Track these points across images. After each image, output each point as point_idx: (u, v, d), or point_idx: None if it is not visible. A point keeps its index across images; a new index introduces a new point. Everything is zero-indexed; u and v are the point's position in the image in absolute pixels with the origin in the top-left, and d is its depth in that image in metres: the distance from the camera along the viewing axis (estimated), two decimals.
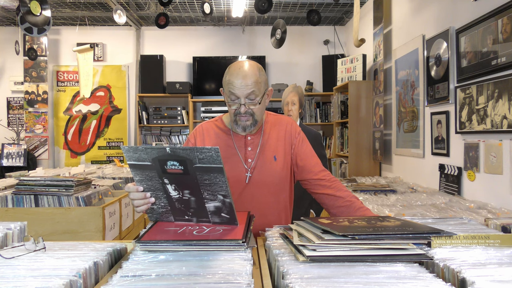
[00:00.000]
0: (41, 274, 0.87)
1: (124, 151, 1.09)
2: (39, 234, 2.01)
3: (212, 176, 1.07)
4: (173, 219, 1.21)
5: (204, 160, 1.04)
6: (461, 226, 1.23)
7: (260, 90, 1.48)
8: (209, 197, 1.11)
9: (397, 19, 3.83)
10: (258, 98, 1.48)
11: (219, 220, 1.16)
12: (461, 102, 2.62)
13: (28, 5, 3.07)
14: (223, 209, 1.13)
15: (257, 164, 1.57)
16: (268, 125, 1.64)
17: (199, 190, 1.11)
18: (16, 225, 1.19)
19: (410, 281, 0.83)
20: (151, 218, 1.23)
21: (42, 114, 5.60)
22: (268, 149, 1.59)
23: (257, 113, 1.50)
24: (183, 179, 1.09)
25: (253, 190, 1.55)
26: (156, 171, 1.10)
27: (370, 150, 4.27)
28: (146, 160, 1.09)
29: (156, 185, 1.14)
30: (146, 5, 4.94)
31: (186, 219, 1.19)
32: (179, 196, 1.14)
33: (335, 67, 5.01)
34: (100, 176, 3.31)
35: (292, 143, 1.63)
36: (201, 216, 1.16)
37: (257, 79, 1.46)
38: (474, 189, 2.54)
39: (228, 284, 0.81)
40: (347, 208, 1.52)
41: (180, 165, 1.06)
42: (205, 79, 5.63)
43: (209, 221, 1.17)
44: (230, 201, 1.11)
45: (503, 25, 2.21)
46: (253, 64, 1.50)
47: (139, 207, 1.18)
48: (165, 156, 1.06)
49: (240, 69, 1.46)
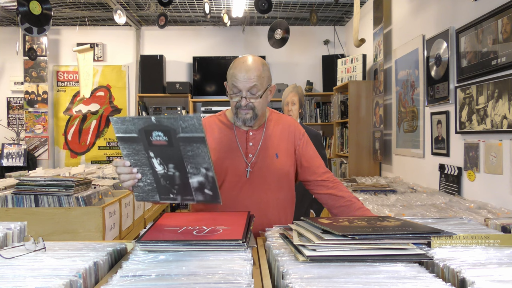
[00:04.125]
0: (41, 274, 0.87)
1: (113, 122, 1.12)
2: (39, 234, 2.01)
3: (194, 146, 1.10)
4: (159, 198, 1.21)
5: (187, 129, 1.07)
6: (461, 226, 1.23)
7: (262, 84, 1.50)
8: (192, 171, 1.13)
9: (397, 19, 3.83)
10: (259, 92, 1.50)
11: (202, 198, 1.17)
12: (461, 102, 2.62)
13: (27, 5, 3.07)
14: (206, 184, 1.14)
15: (258, 159, 1.58)
16: (272, 123, 1.66)
17: (183, 164, 1.13)
18: (16, 225, 1.19)
19: (410, 281, 0.83)
20: (138, 197, 1.24)
21: (42, 114, 5.60)
22: (270, 146, 1.60)
23: (257, 107, 1.51)
24: (167, 152, 1.12)
25: (253, 185, 1.56)
26: (142, 143, 1.13)
27: (370, 150, 4.27)
28: (133, 132, 1.12)
29: (143, 159, 1.16)
30: (146, 5, 4.94)
31: (171, 197, 1.20)
32: (164, 172, 1.16)
33: (335, 67, 5.01)
34: (100, 176, 3.31)
35: (296, 144, 1.64)
36: (185, 194, 1.17)
37: (260, 73, 1.49)
38: (474, 189, 2.54)
39: (228, 284, 0.81)
40: (347, 208, 1.55)
41: (165, 135, 1.10)
42: (205, 79, 5.63)
43: (192, 199, 1.17)
44: (213, 175, 1.13)
45: (503, 25, 2.21)
46: (258, 59, 1.53)
47: (125, 182, 1.19)
48: (151, 126, 1.09)
49: (244, 63, 1.50)
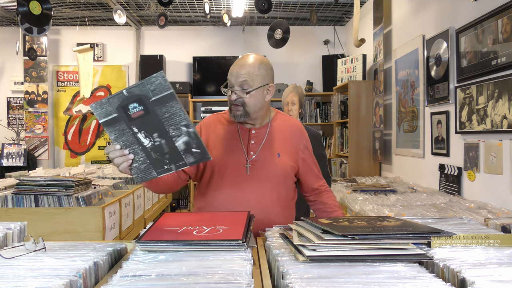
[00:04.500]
0: (41, 274, 0.87)
1: (93, 109, 1.17)
2: (39, 234, 2.01)
3: (168, 106, 1.14)
4: (156, 174, 1.25)
5: (156, 91, 1.12)
6: (461, 226, 1.23)
7: (254, 82, 1.52)
8: (174, 133, 1.17)
9: (397, 19, 3.83)
10: (250, 89, 1.51)
11: (193, 158, 1.20)
12: (461, 102, 2.62)
13: (27, 5, 3.07)
14: (192, 142, 1.18)
15: (259, 157, 1.59)
16: (276, 123, 1.67)
17: (165, 129, 1.17)
18: (16, 225, 1.19)
19: (410, 281, 0.83)
20: (137, 179, 1.28)
21: (42, 114, 5.60)
22: (272, 145, 1.62)
23: (248, 104, 1.53)
24: (147, 121, 1.17)
25: (254, 183, 1.57)
26: (124, 121, 1.18)
27: (370, 150, 4.27)
28: (113, 112, 1.16)
29: (130, 138, 1.21)
30: (146, 5, 4.94)
31: (166, 168, 1.23)
32: (152, 144, 1.20)
33: (335, 67, 5.01)
34: (100, 176, 3.31)
35: (299, 148, 1.67)
36: (177, 161, 1.21)
37: (253, 70, 1.51)
38: (474, 189, 2.54)
39: (228, 284, 0.81)
40: (325, 213, 1.68)
41: (140, 104, 1.14)
42: (205, 79, 5.63)
43: (185, 163, 1.21)
44: (194, 130, 1.17)
45: (503, 25, 2.21)
46: (257, 58, 1.55)
47: (121, 165, 1.23)
48: (125, 100, 1.14)
49: (242, 59, 1.54)
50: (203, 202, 1.62)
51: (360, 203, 2.64)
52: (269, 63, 1.60)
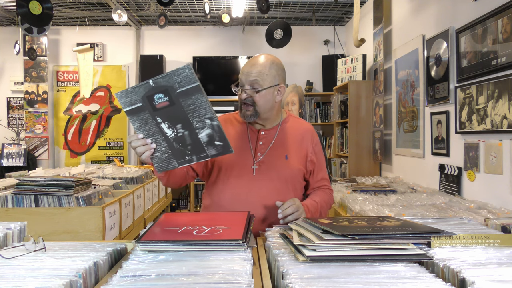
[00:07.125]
0: (41, 274, 0.87)
1: (118, 97, 1.18)
2: (39, 234, 2.00)
3: (194, 98, 1.15)
4: (177, 164, 1.26)
5: (183, 83, 1.13)
6: (461, 226, 1.23)
7: (264, 81, 1.52)
8: (198, 125, 1.19)
9: (397, 19, 3.83)
10: (260, 88, 1.51)
11: (215, 151, 1.22)
12: (461, 102, 2.62)
13: (26, 6, 3.07)
14: (215, 135, 1.19)
15: (266, 159, 1.59)
16: (287, 125, 1.68)
17: (189, 120, 1.18)
18: (16, 225, 1.19)
19: (410, 281, 0.83)
20: (158, 168, 1.29)
21: (42, 114, 5.60)
22: (280, 147, 1.62)
23: (258, 104, 1.53)
24: (172, 112, 1.18)
25: (260, 184, 1.56)
26: (148, 111, 1.19)
27: (370, 150, 4.27)
28: (137, 102, 1.18)
29: (153, 127, 1.22)
30: (146, 5, 4.94)
31: (187, 159, 1.25)
32: (175, 134, 1.22)
33: (335, 67, 5.01)
34: (100, 176, 3.30)
35: (309, 151, 1.67)
36: (199, 152, 1.22)
37: (264, 70, 1.51)
38: (474, 189, 2.54)
39: (228, 284, 0.81)
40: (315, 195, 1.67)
41: (165, 95, 1.15)
42: (205, 79, 5.62)
43: (207, 155, 1.22)
44: (218, 123, 1.18)
45: (503, 25, 2.21)
46: (269, 58, 1.56)
47: (143, 154, 1.25)
48: (151, 90, 1.15)
49: (253, 59, 1.55)
50: (209, 200, 1.63)
51: (360, 203, 2.64)
52: (281, 64, 1.59)
